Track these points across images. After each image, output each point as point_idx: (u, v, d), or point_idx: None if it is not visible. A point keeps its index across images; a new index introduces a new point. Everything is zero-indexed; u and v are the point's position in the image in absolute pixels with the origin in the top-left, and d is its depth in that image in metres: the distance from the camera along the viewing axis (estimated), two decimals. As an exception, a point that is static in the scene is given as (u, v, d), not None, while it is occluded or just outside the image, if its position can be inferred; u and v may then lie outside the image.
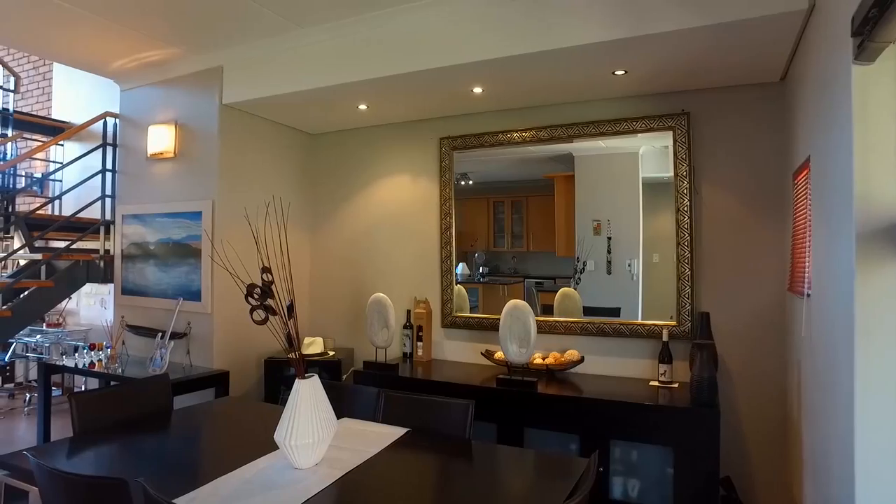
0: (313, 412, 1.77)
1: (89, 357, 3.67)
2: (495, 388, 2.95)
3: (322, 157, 4.34)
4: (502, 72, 2.92)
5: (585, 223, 3.34)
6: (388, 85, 3.16)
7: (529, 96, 3.33)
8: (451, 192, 3.73)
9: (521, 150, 3.55)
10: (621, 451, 2.74)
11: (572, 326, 3.33)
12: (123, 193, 4.17)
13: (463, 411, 2.22)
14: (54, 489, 1.53)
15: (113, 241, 4.21)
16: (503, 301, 3.06)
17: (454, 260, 3.72)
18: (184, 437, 2.27)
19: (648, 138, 3.18)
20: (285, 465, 1.81)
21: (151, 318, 3.89)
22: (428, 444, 2.09)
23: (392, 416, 2.31)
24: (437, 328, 3.73)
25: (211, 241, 3.57)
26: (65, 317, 5.88)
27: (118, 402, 2.38)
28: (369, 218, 4.09)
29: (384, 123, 4.02)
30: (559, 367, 3.20)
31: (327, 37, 3.20)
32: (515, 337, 2.99)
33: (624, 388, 2.94)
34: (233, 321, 3.70)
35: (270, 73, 3.42)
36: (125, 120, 4.19)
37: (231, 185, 3.72)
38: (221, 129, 3.65)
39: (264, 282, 1.64)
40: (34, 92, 6.24)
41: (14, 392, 5.67)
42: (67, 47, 3.60)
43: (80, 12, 3.05)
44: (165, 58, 3.72)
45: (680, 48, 2.54)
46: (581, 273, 3.37)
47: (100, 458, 2.02)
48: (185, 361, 3.63)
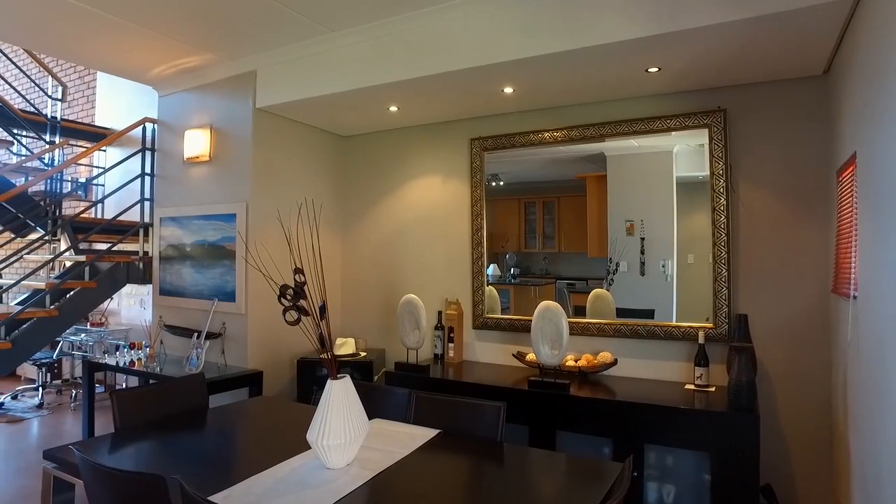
0: (345, 413, 1.78)
1: (129, 356, 3.78)
2: (527, 391, 2.92)
3: (353, 159, 4.38)
4: (534, 71, 2.89)
5: (618, 224, 3.29)
6: (418, 86, 3.17)
7: (560, 95, 3.29)
8: (483, 193, 3.71)
9: (552, 150, 3.51)
10: (656, 456, 2.68)
11: (605, 328, 3.28)
12: (161, 196, 4.28)
13: (495, 413, 2.21)
14: (97, 483, 1.58)
15: (151, 243, 4.32)
16: (534, 302, 3.03)
17: (485, 261, 3.70)
18: (219, 435, 2.31)
19: (683, 136, 3.11)
20: (317, 465, 1.82)
21: (188, 318, 3.98)
22: (459, 446, 2.08)
23: (423, 417, 2.31)
24: (469, 329, 3.72)
25: (244, 242, 3.64)
26: (107, 316, 6.08)
27: (157, 399, 2.44)
28: (400, 219, 4.10)
29: (415, 125, 4.03)
30: (592, 369, 3.15)
31: (358, 39, 3.22)
32: (547, 339, 2.95)
33: (658, 391, 2.87)
34: (266, 322, 3.76)
35: (302, 77, 3.46)
36: (163, 125, 4.31)
37: (264, 188, 3.78)
38: (255, 132, 3.72)
39: (297, 283, 1.66)
40: (79, 100, 6.48)
41: (61, 388, 5.89)
42: (110, 56, 3.72)
43: (122, 23, 3.15)
44: (201, 64, 3.81)
45: (716, 43, 2.47)
46: (614, 274, 3.32)
47: (139, 453, 2.07)
48: (219, 361, 3.71)
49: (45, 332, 3.83)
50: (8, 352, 3.53)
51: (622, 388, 2.96)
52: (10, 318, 3.58)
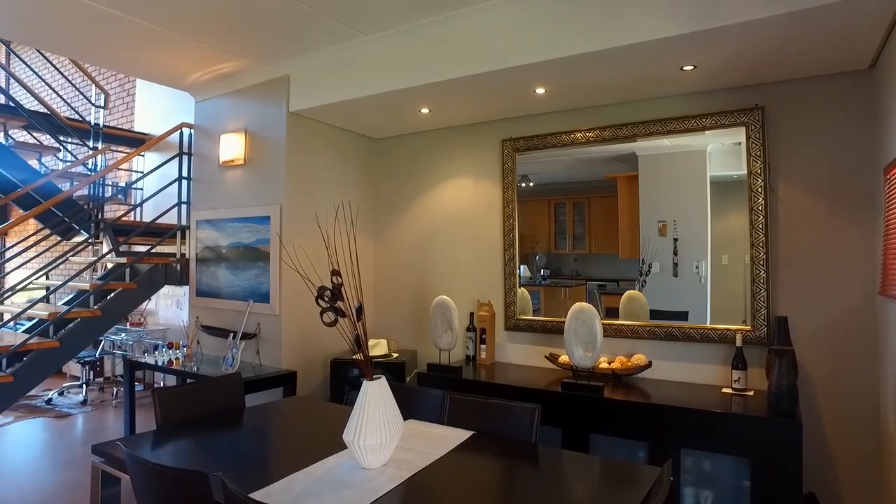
0: (381, 413, 1.80)
1: (168, 355, 3.88)
2: (560, 393, 2.90)
3: (385, 161, 4.42)
4: (566, 71, 2.87)
5: (650, 224, 3.25)
6: (450, 88, 3.18)
7: (593, 95, 3.26)
8: (514, 195, 3.70)
9: (582, 150, 3.49)
10: (693, 461, 2.63)
11: (639, 330, 3.23)
12: (197, 200, 4.38)
13: (529, 415, 2.20)
14: (143, 477, 1.63)
15: (188, 245, 4.43)
16: (564, 304, 2.99)
17: (517, 262, 3.69)
18: (256, 433, 2.36)
19: (717, 135, 3.05)
20: (353, 465, 1.84)
21: (223, 318, 4.07)
22: (494, 448, 2.08)
23: (457, 418, 2.31)
24: (501, 331, 3.71)
25: (280, 244, 3.70)
26: (145, 317, 6.25)
27: (195, 398, 2.49)
28: (432, 220, 4.12)
29: (446, 126, 4.04)
30: (626, 371, 3.11)
31: (390, 42, 3.25)
32: (581, 340, 2.93)
33: (695, 394, 2.82)
34: (300, 322, 3.82)
35: (335, 81, 3.51)
36: (199, 130, 4.41)
37: (297, 190, 3.84)
38: (288, 135, 3.78)
39: (334, 284, 1.68)
40: (119, 107, 6.68)
41: (103, 385, 6.08)
42: (150, 64, 3.83)
43: (162, 31, 3.24)
44: (236, 69, 3.89)
45: (754, 39, 2.41)
46: (646, 275, 3.27)
47: (180, 450, 2.12)
48: (254, 361, 3.78)
49: (89, 332, 3.97)
50: (56, 350, 3.67)
51: (657, 390, 2.91)
52: (58, 318, 3.71)
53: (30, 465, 3.91)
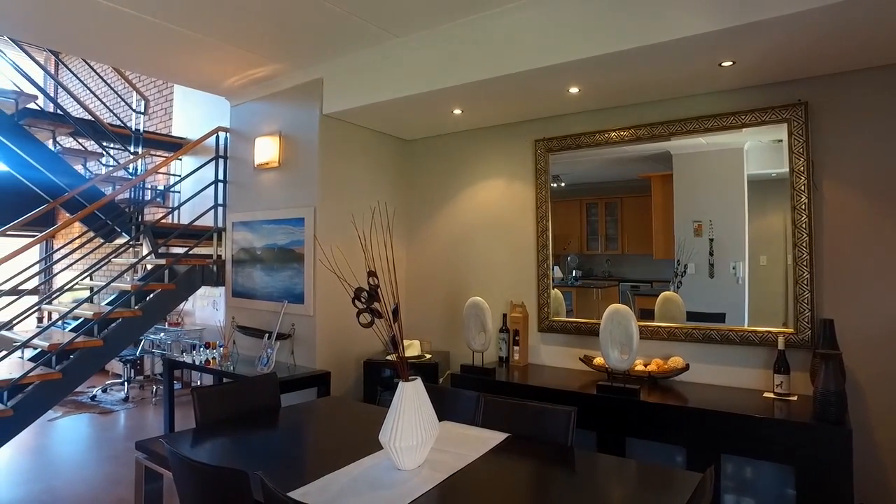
0: (417, 415, 1.80)
1: (205, 354, 3.97)
2: (595, 395, 2.86)
3: (417, 162, 4.43)
4: (601, 70, 2.83)
5: (685, 224, 3.18)
6: (483, 88, 3.17)
7: (627, 94, 3.21)
8: (548, 195, 3.67)
9: (615, 150, 3.44)
10: (734, 467, 2.57)
11: (676, 332, 3.17)
12: (233, 202, 4.47)
13: (565, 418, 2.17)
14: (185, 474, 1.66)
15: (224, 247, 4.52)
16: (597, 305, 2.95)
17: (551, 263, 3.66)
18: (292, 433, 2.39)
19: (755, 133, 2.97)
20: (389, 466, 1.85)
21: (258, 319, 4.14)
22: (529, 450, 2.06)
23: (492, 420, 2.30)
24: (534, 332, 3.68)
25: (316, 245, 3.74)
26: (183, 317, 6.41)
27: (233, 397, 2.53)
28: (464, 222, 4.12)
29: (478, 127, 4.03)
30: (662, 374, 3.05)
31: (423, 44, 3.26)
32: (616, 342, 2.88)
33: (734, 398, 2.75)
34: (334, 323, 3.86)
35: (368, 83, 3.53)
36: (234, 133, 4.50)
37: (331, 192, 3.88)
38: (321, 138, 3.82)
39: (370, 286, 1.69)
40: (158, 112, 6.87)
41: (143, 383, 6.25)
42: (188, 70, 3.93)
43: (199, 37, 3.32)
44: (270, 73, 3.96)
45: (798, 32, 2.33)
46: (682, 276, 3.21)
47: (219, 448, 2.16)
48: (289, 361, 3.83)
49: (130, 331, 4.08)
50: (100, 349, 3.78)
51: (695, 394, 2.85)
52: (102, 318, 3.83)
53: (77, 459, 4.05)
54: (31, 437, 4.42)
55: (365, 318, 1.66)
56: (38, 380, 3.51)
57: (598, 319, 3.38)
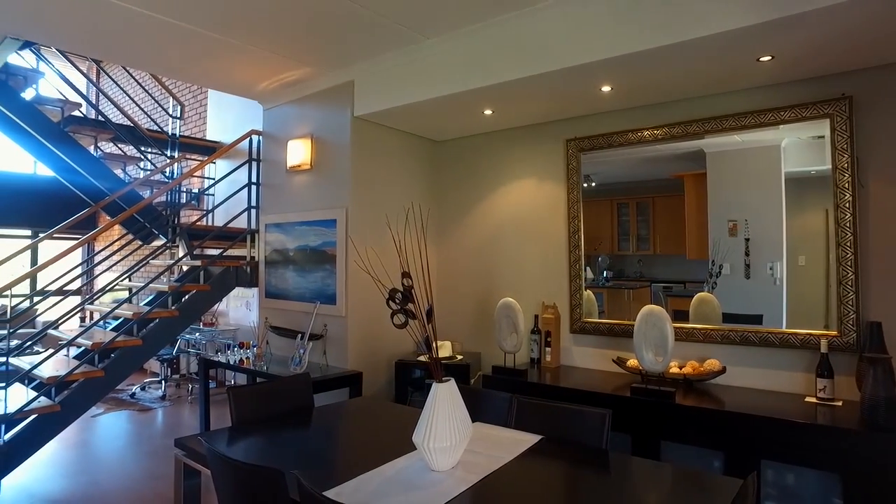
0: (450, 416, 1.79)
1: (239, 354, 4.04)
2: (629, 398, 2.81)
3: (447, 164, 4.43)
4: (633, 68, 2.79)
5: (720, 224, 3.11)
6: (514, 88, 3.15)
7: (660, 92, 3.16)
8: (579, 195, 3.63)
9: (646, 149, 3.39)
10: (775, 474, 2.49)
11: (712, 334, 3.10)
12: (266, 204, 4.54)
13: (599, 420, 2.14)
14: (222, 472, 1.69)
15: (257, 249, 4.60)
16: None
17: (583, 264, 3.62)
18: (325, 432, 2.41)
19: (793, 129, 2.88)
20: (423, 467, 1.85)
21: (291, 319, 4.19)
22: (563, 453, 2.04)
23: (525, 422, 2.28)
24: (566, 333, 3.65)
25: (350, 246, 3.77)
26: (217, 317, 6.54)
27: (267, 397, 2.57)
28: (495, 222, 4.10)
29: (509, 127, 4.01)
30: (698, 377, 2.99)
31: (453, 45, 3.26)
32: (651, 344, 2.83)
33: (774, 402, 2.67)
34: (365, 324, 3.89)
35: (399, 85, 3.55)
36: (267, 136, 4.57)
37: (363, 194, 3.91)
38: (353, 140, 3.86)
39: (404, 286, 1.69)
40: (193, 117, 7.03)
41: (179, 382, 6.40)
42: (223, 75, 4.01)
43: (233, 43, 3.39)
44: (302, 77, 4.01)
45: (843, 23, 2.24)
46: (717, 277, 3.14)
47: (255, 446, 2.20)
48: (321, 361, 3.87)
49: (168, 331, 4.18)
50: (139, 348, 3.89)
51: (732, 398, 2.78)
52: (141, 318, 3.94)
53: (119, 454, 4.17)
54: (75, 432, 4.58)
55: (399, 318, 1.67)
56: (82, 377, 3.63)
57: (631, 321, 3.33)
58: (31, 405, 3.42)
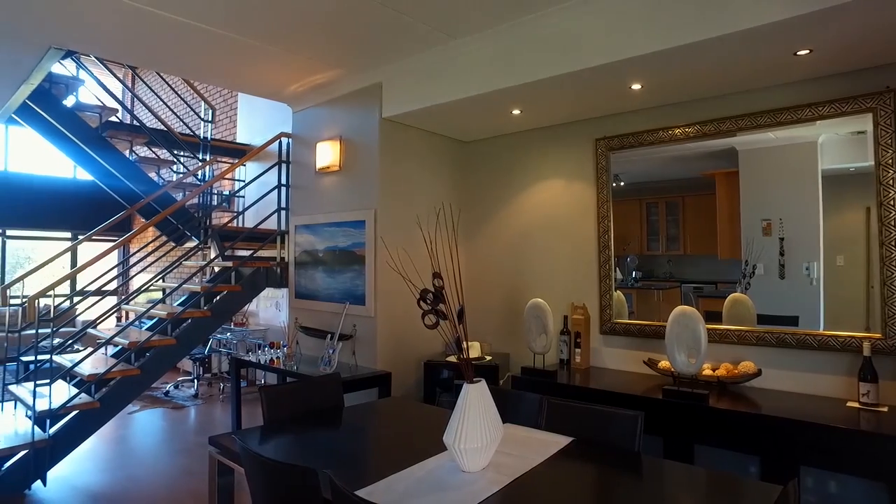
0: (481, 417, 1.78)
1: (269, 354, 4.09)
2: (661, 400, 2.77)
3: (475, 164, 4.42)
4: (666, 65, 2.74)
5: (753, 223, 3.04)
6: (543, 88, 3.13)
7: (692, 89, 3.10)
8: (609, 195, 3.59)
9: (676, 147, 3.33)
10: (815, 481, 2.41)
11: (746, 336, 3.02)
12: (296, 206, 4.60)
13: (631, 422, 2.11)
14: (256, 470, 1.72)
15: (287, 250, 4.65)
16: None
17: (613, 265, 3.57)
18: (355, 432, 2.43)
19: (831, 125, 2.80)
20: (453, 468, 1.84)
21: (320, 320, 4.23)
22: (594, 455, 2.01)
23: (555, 423, 2.26)
24: (596, 334, 3.60)
25: (379, 246, 3.79)
26: (247, 317, 6.65)
27: (298, 396, 2.60)
28: (523, 222, 4.08)
29: (537, 127, 3.98)
30: (732, 379, 2.92)
31: (482, 45, 3.25)
32: (683, 346, 2.78)
33: (813, 407, 2.59)
34: (394, 324, 3.90)
35: (427, 86, 3.56)
36: (296, 139, 4.63)
37: (391, 195, 3.92)
38: (381, 141, 3.88)
39: (435, 287, 1.69)
40: (223, 121, 7.16)
41: (211, 381, 6.53)
42: (253, 79, 4.08)
43: (263, 47, 3.44)
44: (331, 79, 4.05)
45: (884, 13, 2.16)
46: (751, 277, 3.06)
47: (286, 445, 2.22)
48: (350, 361, 3.90)
49: (200, 330, 4.27)
50: (173, 347, 3.98)
51: (768, 401, 2.71)
52: (175, 318, 4.03)
53: (154, 450, 4.27)
54: (113, 428, 4.70)
55: (430, 319, 1.67)
56: (119, 375, 3.73)
57: (662, 321, 3.29)
58: (72, 401, 3.53)
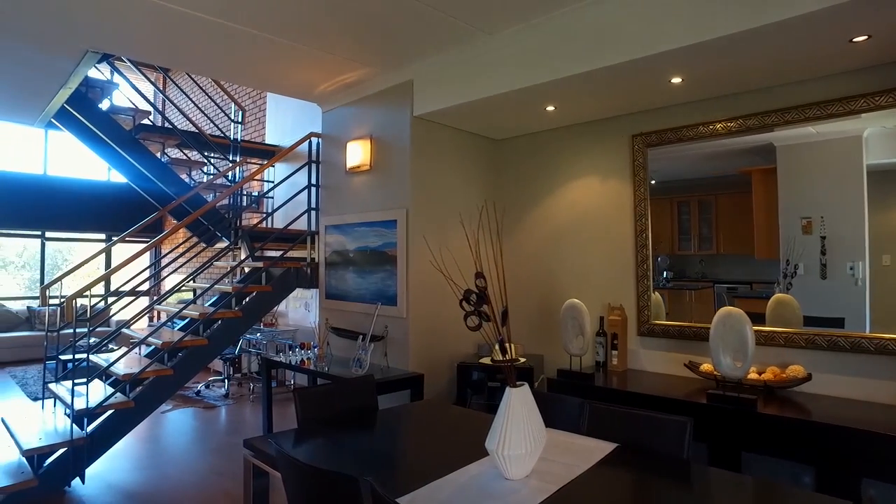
0: (525, 422, 1.72)
1: (300, 355, 4.08)
2: (705, 405, 2.66)
3: (507, 162, 4.35)
4: (709, 56, 2.63)
5: (792, 221, 2.94)
6: (579, 83, 3.04)
7: (734, 82, 2.98)
8: (646, 193, 3.49)
9: (710, 144, 3.24)
10: (879, 494, 2.29)
11: (795, 338, 2.90)
12: (326, 206, 4.58)
13: (679, 429, 2.02)
14: (294, 476, 1.67)
15: (317, 250, 4.64)
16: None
17: (651, 264, 3.47)
18: (392, 436, 2.38)
19: (878, 118, 2.67)
20: (496, 475, 1.78)
21: (351, 320, 4.21)
22: (641, 462, 1.93)
23: (597, 428, 2.18)
24: (633, 336, 3.50)
25: (411, 247, 3.75)
26: (276, 318, 6.68)
27: (332, 398, 2.56)
28: (557, 221, 3.99)
29: (571, 124, 3.90)
30: (780, 384, 2.80)
31: (516, 40, 3.18)
32: (729, 348, 2.67)
33: (871, 414, 2.47)
34: (426, 325, 3.85)
35: (458, 83, 3.50)
36: (326, 138, 4.61)
37: (423, 194, 3.87)
38: (413, 140, 3.83)
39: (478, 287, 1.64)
40: (252, 122, 7.21)
41: (241, 381, 6.57)
42: (283, 79, 4.08)
43: (293, 45, 3.42)
44: (361, 77, 4.02)
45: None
46: (792, 277, 2.95)
47: (321, 449, 2.18)
48: (382, 363, 3.86)
49: (231, 331, 4.28)
50: (205, 347, 3.99)
51: (820, 407, 2.58)
52: (206, 318, 4.04)
53: (186, 449, 4.30)
54: (147, 427, 4.74)
55: (473, 321, 1.61)
56: (153, 375, 3.75)
57: (698, 322, 3.23)
58: (108, 400, 3.57)
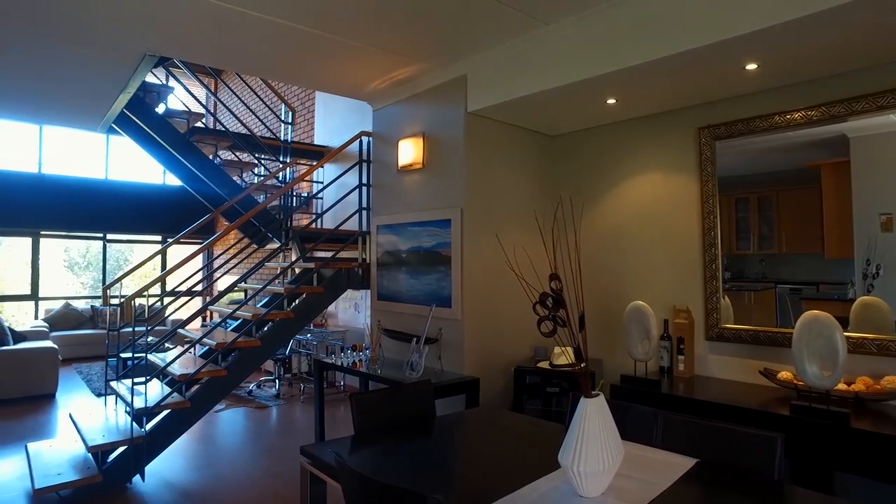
0: (602, 436, 1.59)
1: (352, 357, 4.04)
2: (788, 417, 2.45)
3: (564, 159, 4.20)
4: (789, 39, 2.42)
5: (869, 217, 2.72)
6: (642, 73, 2.87)
7: (812, 67, 2.75)
8: (715, 188, 3.28)
9: (775, 137, 3.04)
10: None
11: (889, 345, 2.65)
12: (377, 205, 4.53)
13: (767, 445, 1.85)
14: (356, 488, 1.59)
15: (369, 251, 4.60)
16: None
17: (720, 264, 3.25)
18: (452, 445, 2.28)
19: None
20: (569, 491, 1.65)
21: (403, 322, 4.13)
22: (726, 481, 1.77)
23: (674, 441, 2.02)
24: (700, 340, 3.30)
25: (464, 248, 3.64)
26: (326, 318, 6.70)
27: (389, 404, 2.48)
28: (617, 220, 3.81)
29: (632, 117, 3.71)
30: (874, 396, 2.55)
31: (575, 29, 3.04)
32: (815, 356, 2.46)
33: None
34: (482, 328, 3.74)
35: (514, 76, 3.37)
36: (377, 137, 4.56)
37: (477, 193, 3.76)
38: (466, 136, 3.72)
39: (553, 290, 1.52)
40: (301, 123, 7.27)
41: (291, 381, 6.62)
42: (334, 77, 4.05)
43: (344, 41, 3.38)
44: (413, 74, 3.94)
45: None
46: (874, 278, 2.72)
47: (380, 458, 2.09)
48: (436, 366, 3.76)
49: (283, 332, 4.28)
50: (258, 348, 4.00)
51: (923, 423, 2.34)
52: (259, 319, 4.05)
53: (240, 450, 4.32)
54: (201, 426, 4.81)
55: (546, 326, 1.49)
56: (208, 375, 3.78)
57: (772, 327, 3.05)
58: (165, 400, 3.61)
